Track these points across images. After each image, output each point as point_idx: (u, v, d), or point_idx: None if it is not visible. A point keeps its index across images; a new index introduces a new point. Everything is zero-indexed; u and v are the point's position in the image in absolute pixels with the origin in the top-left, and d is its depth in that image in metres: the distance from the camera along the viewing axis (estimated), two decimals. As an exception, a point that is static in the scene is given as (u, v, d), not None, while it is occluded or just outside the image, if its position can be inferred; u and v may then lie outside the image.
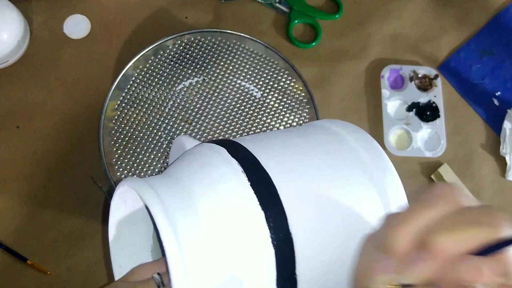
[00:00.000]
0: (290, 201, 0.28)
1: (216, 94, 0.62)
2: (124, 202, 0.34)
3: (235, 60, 0.63)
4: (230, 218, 0.27)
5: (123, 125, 0.59)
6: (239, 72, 0.63)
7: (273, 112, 0.62)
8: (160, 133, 0.59)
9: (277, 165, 0.30)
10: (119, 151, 0.58)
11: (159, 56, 0.62)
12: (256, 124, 0.60)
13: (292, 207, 0.28)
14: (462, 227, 0.23)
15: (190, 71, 0.62)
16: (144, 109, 0.60)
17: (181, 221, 0.27)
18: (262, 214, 0.27)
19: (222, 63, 0.62)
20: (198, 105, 0.61)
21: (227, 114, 0.61)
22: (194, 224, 0.27)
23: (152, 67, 0.61)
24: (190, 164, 0.31)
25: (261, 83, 0.62)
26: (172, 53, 0.62)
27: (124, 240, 0.35)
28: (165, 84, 0.61)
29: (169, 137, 0.59)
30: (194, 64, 0.62)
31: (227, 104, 0.61)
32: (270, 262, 0.26)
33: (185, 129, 0.59)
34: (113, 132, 0.59)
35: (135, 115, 0.60)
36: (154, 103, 0.60)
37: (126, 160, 0.58)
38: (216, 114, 0.61)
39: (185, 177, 0.30)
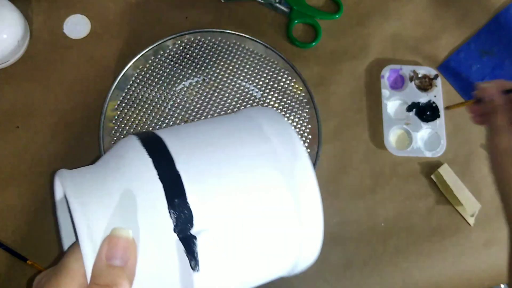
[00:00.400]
0: (176, 149, 0.33)
1: (216, 94, 0.62)
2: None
3: (235, 60, 0.63)
4: (124, 165, 0.32)
5: (123, 125, 0.59)
6: (239, 72, 0.63)
7: (273, 112, 0.62)
8: (160, 133, 0.59)
9: (170, 130, 0.36)
10: (119, 151, 0.58)
11: (159, 56, 0.62)
12: (256, 124, 0.60)
13: (177, 151, 0.33)
14: None
15: (190, 71, 0.62)
16: (144, 109, 0.60)
17: (87, 188, 0.32)
18: (150, 160, 0.31)
19: (222, 63, 0.62)
20: (198, 105, 0.61)
21: (227, 114, 0.61)
22: (98, 185, 0.32)
23: (152, 67, 0.61)
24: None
25: (261, 83, 0.62)
26: (172, 53, 0.62)
27: (68, 222, 0.38)
28: (165, 84, 0.61)
29: (169, 137, 0.59)
30: (194, 64, 0.62)
31: (227, 104, 0.61)
32: (159, 194, 0.30)
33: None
34: (113, 132, 0.59)
35: (135, 115, 0.60)
36: (154, 103, 0.60)
37: (126, 160, 0.58)
38: (216, 114, 0.61)
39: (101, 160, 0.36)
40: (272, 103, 0.62)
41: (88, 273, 0.29)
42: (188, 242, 0.30)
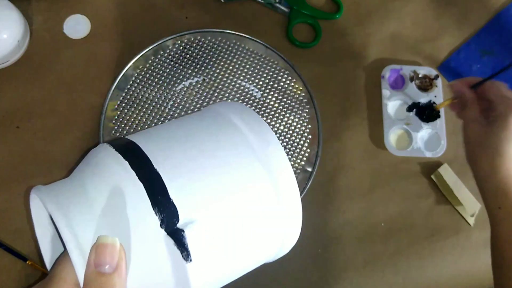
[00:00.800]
0: (151, 150, 0.33)
1: (216, 94, 0.61)
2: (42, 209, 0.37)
3: (235, 60, 0.63)
4: (102, 175, 0.33)
5: (123, 125, 0.59)
6: (239, 72, 0.62)
7: (273, 112, 0.62)
8: (160, 133, 0.59)
9: (141, 133, 0.37)
10: (119, 151, 0.58)
11: (159, 56, 0.62)
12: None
13: (152, 151, 0.33)
14: None
15: (190, 71, 0.62)
16: (144, 109, 0.60)
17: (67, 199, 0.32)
18: (127, 162, 0.32)
19: (222, 63, 0.62)
20: (198, 105, 0.61)
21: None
22: (78, 195, 0.32)
23: (152, 67, 0.61)
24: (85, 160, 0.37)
25: (261, 83, 0.62)
26: (172, 53, 0.62)
27: (50, 236, 0.39)
28: (165, 84, 0.61)
29: (169, 137, 0.59)
30: (194, 64, 0.62)
31: (227, 104, 0.61)
32: (141, 193, 0.31)
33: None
34: (113, 132, 0.59)
35: (135, 115, 0.60)
36: (154, 103, 0.60)
37: (126, 160, 0.58)
38: (216, 114, 0.61)
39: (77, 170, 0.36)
40: (272, 103, 0.62)
41: (81, 280, 0.29)
42: (177, 236, 0.30)
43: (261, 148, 0.35)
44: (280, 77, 0.63)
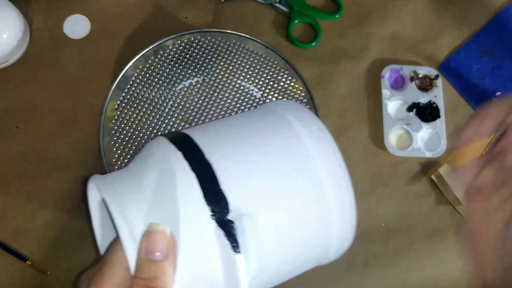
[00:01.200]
0: (204, 142, 0.34)
1: (216, 94, 0.61)
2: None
3: (235, 60, 0.63)
4: (157, 166, 0.33)
5: (123, 125, 0.59)
6: (239, 72, 0.62)
7: (273, 112, 0.62)
8: (160, 133, 0.59)
9: (195, 128, 0.38)
10: (119, 151, 0.58)
11: (159, 56, 0.62)
12: (256, 124, 0.60)
13: (205, 143, 0.34)
14: None
15: (190, 71, 0.62)
16: (144, 109, 0.60)
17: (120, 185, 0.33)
18: (180, 153, 0.33)
19: (222, 63, 0.62)
20: (198, 105, 0.61)
21: (227, 114, 0.61)
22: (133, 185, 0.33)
23: (152, 67, 0.61)
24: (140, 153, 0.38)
25: (261, 83, 0.62)
26: (172, 53, 0.62)
27: (104, 223, 0.40)
28: (165, 84, 0.61)
29: (169, 137, 0.59)
30: (194, 64, 0.62)
31: (227, 104, 0.61)
32: (193, 183, 0.31)
33: (185, 129, 0.59)
34: (113, 132, 0.59)
35: (135, 115, 0.60)
36: (154, 103, 0.60)
37: (126, 160, 0.58)
38: (216, 114, 0.61)
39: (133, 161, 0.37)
40: (272, 103, 0.62)
41: (132, 266, 0.30)
42: (227, 227, 0.31)
43: (314, 145, 0.35)
44: (280, 77, 0.63)
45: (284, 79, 0.63)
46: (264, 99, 0.62)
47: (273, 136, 0.35)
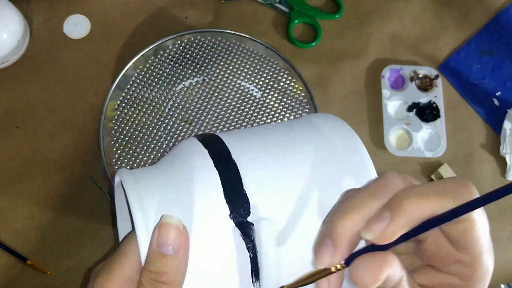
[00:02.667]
0: (233, 143, 0.34)
1: (216, 94, 0.61)
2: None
3: (235, 60, 0.63)
4: (183, 162, 0.33)
5: (123, 125, 0.59)
6: (239, 72, 0.62)
7: (273, 112, 0.62)
8: (160, 133, 0.59)
9: (228, 132, 0.38)
10: (119, 151, 0.58)
11: (159, 56, 0.62)
12: (256, 124, 0.60)
13: (233, 145, 0.34)
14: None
15: (190, 71, 0.62)
16: (144, 109, 0.60)
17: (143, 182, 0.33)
18: (206, 151, 0.33)
19: (222, 63, 0.62)
20: (198, 105, 0.61)
21: (227, 114, 0.61)
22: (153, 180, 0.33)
23: (152, 67, 0.61)
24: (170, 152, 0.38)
25: (261, 83, 0.62)
26: (172, 53, 0.62)
27: (126, 215, 0.40)
28: (165, 84, 0.61)
29: (169, 137, 0.59)
30: (194, 64, 0.62)
31: (227, 104, 0.61)
32: (215, 181, 0.31)
33: (185, 129, 0.59)
34: (113, 132, 0.59)
35: (135, 115, 0.60)
36: (154, 103, 0.60)
37: (126, 160, 0.58)
38: (216, 114, 0.61)
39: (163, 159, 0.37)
40: (272, 103, 0.62)
41: (142, 258, 0.30)
42: (245, 228, 0.30)
43: (346, 154, 0.35)
44: (280, 77, 0.63)
45: (284, 79, 0.63)
46: (264, 99, 0.62)
47: (306, 145, 0.35)
